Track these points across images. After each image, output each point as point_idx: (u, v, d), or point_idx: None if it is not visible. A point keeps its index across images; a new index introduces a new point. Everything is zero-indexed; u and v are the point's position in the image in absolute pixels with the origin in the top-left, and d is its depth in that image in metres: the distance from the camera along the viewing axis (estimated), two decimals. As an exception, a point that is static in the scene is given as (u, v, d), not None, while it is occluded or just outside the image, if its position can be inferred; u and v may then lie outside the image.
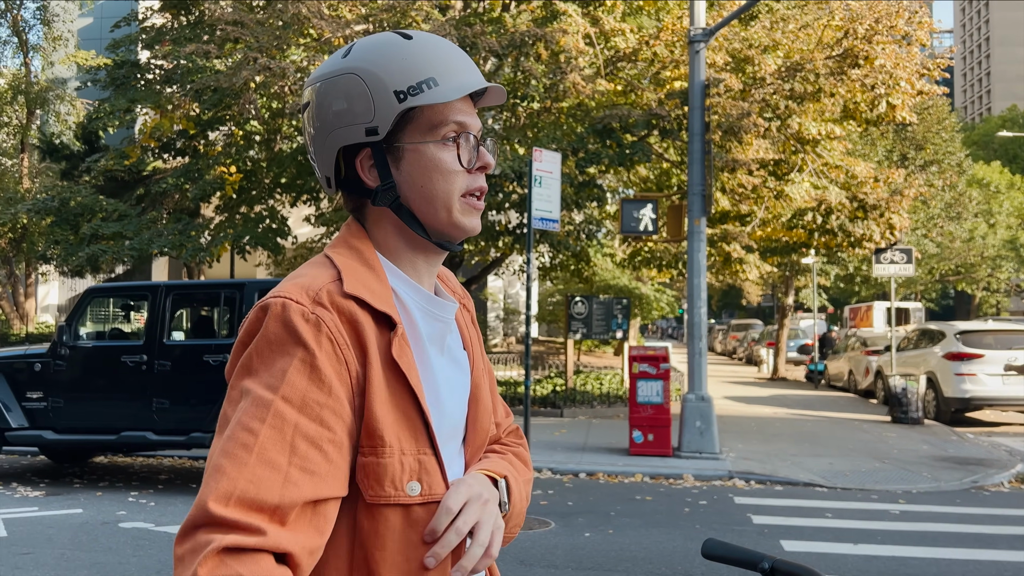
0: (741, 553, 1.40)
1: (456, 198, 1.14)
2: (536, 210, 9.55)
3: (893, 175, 13.91)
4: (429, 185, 1.13)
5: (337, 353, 1.03)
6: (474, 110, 1.17)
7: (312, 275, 1.09)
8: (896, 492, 8.23)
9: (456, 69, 1.13)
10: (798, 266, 22.72)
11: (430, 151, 1.13)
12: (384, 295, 1.10)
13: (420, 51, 1.13)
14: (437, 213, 1.14)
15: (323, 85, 1.14)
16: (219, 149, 14.73)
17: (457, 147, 1.14)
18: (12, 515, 6.63)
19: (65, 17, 25.56)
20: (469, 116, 1.16)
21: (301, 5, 11.78)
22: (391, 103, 1.10)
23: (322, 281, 1.07)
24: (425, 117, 1.13)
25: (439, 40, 1.16)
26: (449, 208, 1.14)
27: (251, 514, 0.92)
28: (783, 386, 22.02)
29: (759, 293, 41.89)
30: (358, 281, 1.09)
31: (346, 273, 1.09)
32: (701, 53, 10.30)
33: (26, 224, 19.89)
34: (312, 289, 1.06)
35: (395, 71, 1.11)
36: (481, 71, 8.89)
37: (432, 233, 1.16)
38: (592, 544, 5.96)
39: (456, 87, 1.12)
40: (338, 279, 1.08)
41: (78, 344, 8.01)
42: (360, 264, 1.12)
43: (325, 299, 1.05)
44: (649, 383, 9.66)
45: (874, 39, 11.70)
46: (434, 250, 1.18)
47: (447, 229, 1.15)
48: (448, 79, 1.12)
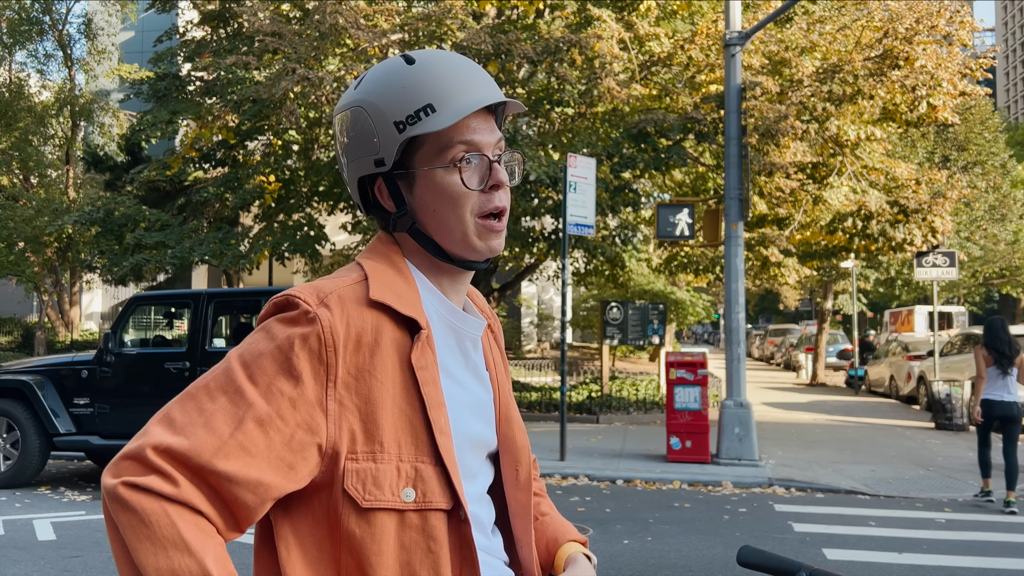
0: (778, 561, 1.39)
1: (470, 221, 1.13)
2: (571, 216, 9.55)
3: (935, 177, 13.67)
4: (441, 210, 1.13)
5: (322, 354, 1.04)
6: (490, 125, 1.15)
7: (333, 279, 1.12)
8: (941, 500, 8.08)
9: (458, 90, 1.11)
10: (837, 270, 22.40)
11: (439, 175, 1.12)
12: (412, 299, 1.11)
13: (418, 77, 1.12)
14: (452, 236, 1.14)
15: (339, 117, 1.18)
16: (258, 159, 14.96)
17: (462, 170, 1.12)
18: (61, 519, 6.78)
19: (108, 31, 26.15)
20: (481, 134, 1.13)
21: (338, 16, 11.92)
22: (392, 134, 1.12)
23: (339, 284, 1.09)
24: (431, 142, 1.13)
25: (442, 60, 1.14)
26: (464, 232, 1.13)
27: (175, 465, 0.98)
28: (822, 392, 21.70)
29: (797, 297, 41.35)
30: (385, 285, 1.10)
31: (374, 278, 1.11)
32: (737, 56, 10.22)
33: (72, 234, 20.37)
34: (324, 291, 1.08)
35: (394, 101, 1.12)
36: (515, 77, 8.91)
37: (451, 256, 1.16)
38: (630, 551, 5.93)
39: (454, 111, 1.10)
40: (362, 282, 1.10)
41: (123, 351, 8.18)
42: (390, 267, 1.14)
43: (333, 301, 1.07)
44: (686, 389, 9.59)
45: (914, 39, 11.52)
46: (458, 271, 1.18)
47: (464, 252, 1.15)
48: (447, 103, 1.11)
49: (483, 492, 1.20)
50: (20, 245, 20.77)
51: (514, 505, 1.23)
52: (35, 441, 8.10)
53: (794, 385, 24.15)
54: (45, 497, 7.73)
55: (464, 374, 1.17)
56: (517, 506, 1.23)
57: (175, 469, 0.98)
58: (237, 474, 0.99)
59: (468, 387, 1.17)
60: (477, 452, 1.18)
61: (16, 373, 8.42)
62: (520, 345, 27.79)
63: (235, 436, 0.99)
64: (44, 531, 6.34)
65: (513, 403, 1.26)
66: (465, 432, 1.14)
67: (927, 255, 15.26)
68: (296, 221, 14.44)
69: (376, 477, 1.04)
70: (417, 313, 1.10)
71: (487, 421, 1.20)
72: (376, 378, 1.06)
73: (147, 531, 0.95)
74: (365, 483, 1.04)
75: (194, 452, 0.98)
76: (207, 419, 1.00)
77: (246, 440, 0.99)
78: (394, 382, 1.07)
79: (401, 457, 1.06)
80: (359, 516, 1.04)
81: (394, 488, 1.05)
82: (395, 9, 12.89)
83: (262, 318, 1.11)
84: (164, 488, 0.97)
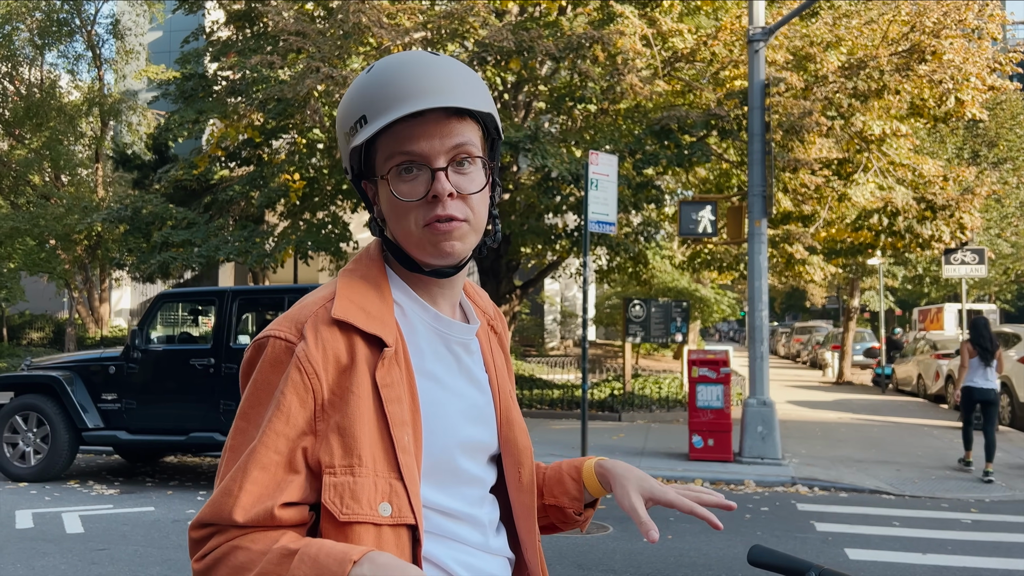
0: (788, 561, 1.38)
1: (415, 230, 1.12)
2: (592, 213, 9.54)
3: (963, 173, 13.47)
4: (392, 217, 1.15)
5: (305, 383, 1.07)
6: (444, 130, 1.11)
7: (307, 302, 1.14)
8: (968, 500, 7.97)
9: (388, 100, 1.09)
10: (864, 268, 22.15)
11: (387, 184, 1.13)
12: (380, 314, 1.12)
13: (363, 88, 1.12)
14: (407, 243, 1.14)
15: None
16: (282, 157, 15.09)
17: (396, 180, 1.11)
18: (89, 512, 6.90)
19: (136, 31, 26.48)
20: (422, 142, 1.10)
21: (361, 14, 11.98)
22: (345, 145, 1.16)
23: (314, 308, 1.12)
24: (380, 151, 1.13)
25: (387, 68, 1.11)
26: (413, 239, 1.13)
27: (210, 531, 1.07)
28: (849, 390, 21.48)
29: (823, 295, 40.94)
30: (352, 302, 1.12)
31: (341, 295, 1.12)
32: (760, 52, 10.15)
33: (100, 232, 20.67)
34: (300, 319, 1.11)
35: (344, 112, 1.15)
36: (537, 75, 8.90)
37: (416, 262, 1.16)
38: (651, 550, 5.92)
39: (378, 123, 1.09)
40: (330, 301, 1.12)
41: (149, 348, 8.30)
42: (363, 282, 1.15)
43: (308, 327, 1.10)
44: (709, 387, 9.55)
45: (942, 33, 11.35)
46: (429, 278, 1.17)
47: (421, 258, 1.14)
48: (377, 114, 1.10)
49: (484, 494, 1.21)
50: (51, 243, 21.11)
51: (518, 507, 1.24)
52: (64, 436, 8.25)
53: (820, 383, 23.93)
54: (74, 491, 7.88)
55: (456, 380, 1.18)
56: (521, 508, 1.24)
57: (212, 535, 1.07)
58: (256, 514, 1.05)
59: (461, 392, 1.18)
60: (475, 456, 1.18)
61: (46, 369, 8.58)
62: (543, 342, 27.78)
63: (244, 488, 1.05)
64: (72, 524, 6.46)
65: (514, 405, 1.26)
66: (458, 438, 1.15)
67: (955, 252, 15.05)
68: (320, 219, 14.55)
69: (354, 491, 1.06)
70: (383, 330, 1.10)
71: (486, 424, 1.20)
72: (354, 393, 1.08)
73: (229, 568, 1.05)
74: (343, 497, 1.06)
75: (215, 517, 1.06)
76: (223, 483, 1.07)
77: (254, 488, 1.05)
78: (369, 398, 1.08)
79: (377, 472, 1.07)
80: (337, 530, 1.06)
81: (372, 502, 1.06)
82: (418, 8, 12.93)
83: (249, 361, 1.13)
84: (220, 547, 1.06)
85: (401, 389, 1.10)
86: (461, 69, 1.13)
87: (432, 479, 1.12)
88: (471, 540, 1.16)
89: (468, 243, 1.14)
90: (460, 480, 1.15)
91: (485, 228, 1.19)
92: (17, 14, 22.53)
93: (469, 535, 1.16)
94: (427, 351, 1.16)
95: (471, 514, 1.16)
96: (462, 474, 1.16)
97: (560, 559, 5.63)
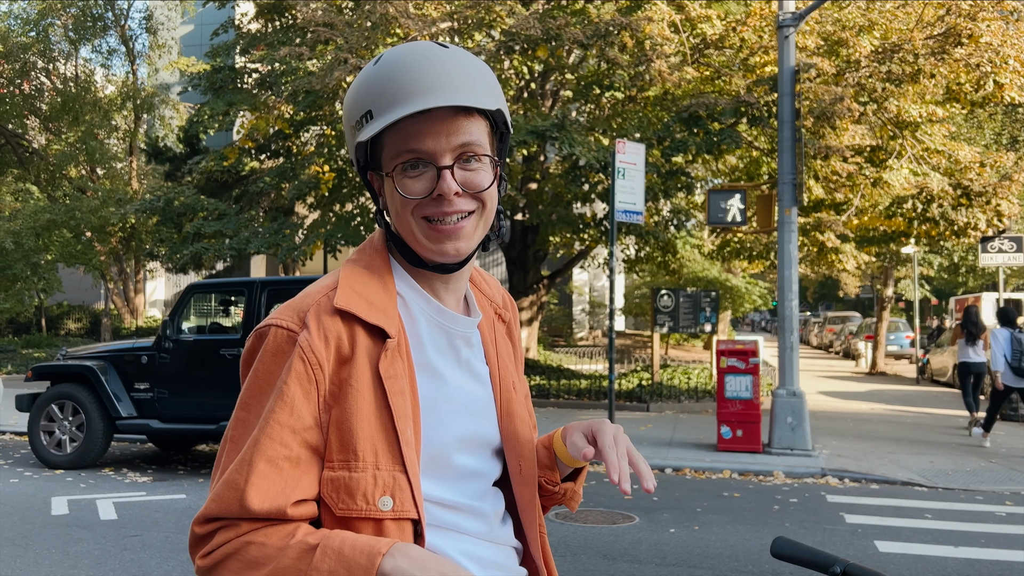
0: (812, 554, 1.35)
1: (415, 227, 1.11)
2: (619, 203, 9.48)
3: (1001, 159, 13.17)
4: (396, 213, 1.13)
5: (309, 373, 1.06)
6: (450, 128, 1.09)
7: (310, 291, 1.13)
8: (1003, 493, 7.82)
9: (394, 96, 1.07)
10: (898, 256, 21.78)
11: (392, 179, 1.12)
12: (383, 305, 1.11)
13: (369, 82, 1.10)
14: (410, 238, 1.13)
15: None
16: (312, 149, 15.19)
17: (402, 176, 1.10)
18: (123, 499, 7.03)
19: (168, 25, 26.80)
20: (429, 140, 1.08)
21: (388, 5, 12.00)
22: (351, 138, 1.15)
23: (316, 297, 1.11)
24: (387, 146, 1.12)
25: (394, 62, 1.09)
26: (415, 235, 1.12)
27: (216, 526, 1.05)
28: (882, 381, 21.18)
29: (857, 284, 40.34)
30: (355, 292, 1.10)
31: (343, 284, 1.11)
32: (791, 38, 9.98)
33: (134, 224, 21.00)
34: (302, 308, 1.10)
35: (351, 105, 1.13)
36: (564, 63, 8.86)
37: (419, 258, 1.15)
38: (677, 540, 5.89)
39: (382, 120, 1.08)
40: (333, 290, 1.11)
41: (180, 338, 8.42)
42: (367, 272, 1.14)
43: (311, 317, 1.08)
44: (738, 378, 9.46)
45: (979, 16, 11.09)
46: (433, 272, 1.16)
47: (423, 254, 1.14)
48: (382, 110, 1.08)
49: (487, 488, 1.20)
50: (87, 235, 21.49)
51: (520, 499, 1.23)
52: (99, 424, 8.40)
53: (852, 374, 23.62)
54: (108, 478, 8.03)
55: (456, 373, 1.17)
56: (522, 500, 1.23)
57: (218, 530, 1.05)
58: (267, 512, 1.03)
59: (461, 386, 1.17)
60: (476, 451, 1.17)
61: (81, 359, 8.74)
62: (571, 332, 27.74)
63: (251, 482, 1.03)
64: (106, 511, 6.58)
65: (516, 397, 1.24)
66: (455, 434, 1.14)
67: (992, 240, 14.73)
68: (349, 211, 14.64)
69: (348, 486, 1.05)
70: (385, 321, 1.09)
71: (487, 418, 1.19)
72: (352, 387, 1.07)
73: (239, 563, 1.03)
74: (339, 491, 1.05)
75: (223, 511, 1.04)
76: (226, 475, 1.05)
77: (261, 482, 1.03)
78: (369, 390, 1.07)
79: (379, 465, 1.06)
80: (336, 524, 1.06)
81: (369, 497, 1.05)
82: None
83: (250, 350, 1.12)
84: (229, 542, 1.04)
85: (404, 382, 1.09)
86: (470, 63, 1.11)
87: (430, 473, 1.11)
88: (474, 530, 1.16)
89: (473, 241, 1.13)
90: (457, 475, 1.15)
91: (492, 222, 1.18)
92: (53, 10, 22.90)
93: (472, 526, 1.16)
94: (428, 344, 1.15)
95: (473, 506, 1.16)
96: (459, 469, 1.15)
97: (585, 549, 5.62)
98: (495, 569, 1.17)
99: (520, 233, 15.96)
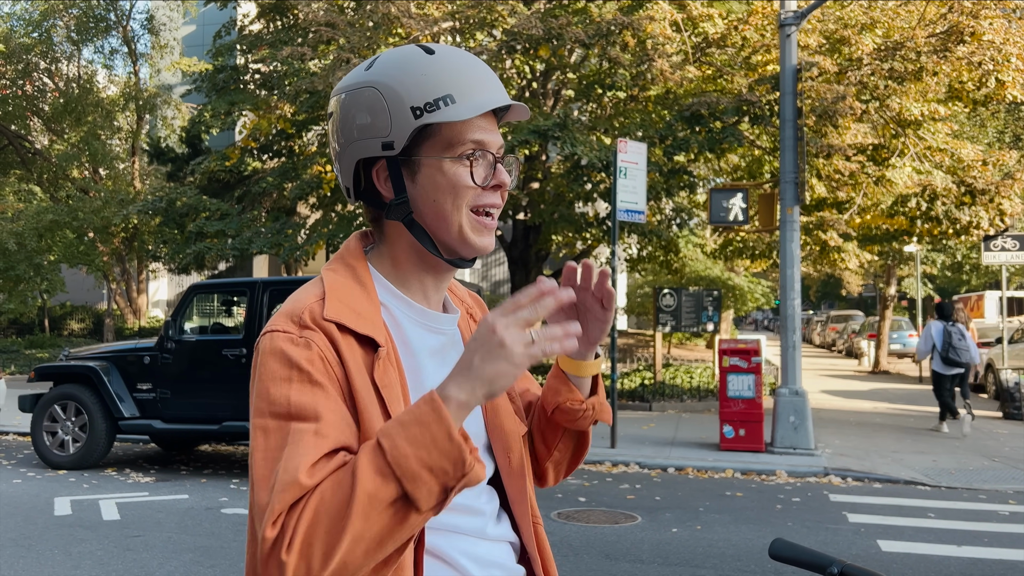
0: (810, 556, 1.36)
1: (466, 214, 1.15)
2: (621, 202, 9.47)
3: (1004, 157, 13.14)
4: (441, 200, 1.14)
5: (328, 371, 1.06)
6: (495, 127, 1.17)
7: (299, 298, 1.13)
8: (1006, 492, 7.81)
9: (476, 86, 1.13)
10: (900, 255, 21.74)
11: (445, 167, 1.13)
12: (370, 315, 1.12)
13: (440, 67, 1.13)
14: (449, 228, 1.15)
15: (346, 97, 1.16)
16: (314, 149, 15.19)
17: (472, 164, 1.14)
18: (125, 499, 7.04)
19: (170, 26, 26.83)
20: (488, 134, 1.15)
21: (391, 5, 12.00)
22: (408, 119, 1.12)
23: (306, 303, 1.11)
24: (443, 134, 1.14)
25: (462, 55, 1.16)
26: (460, 224, 1.15)
27: (292, 511, 0.97)
28: (885, 379, 21.15)
29: (859, 283, 40.29)
30: (341, 302, 1.11)
31: (330, 294, 1.12)
32: (792, 36, 9.97)
33: (137, 224, 21.02)
34: (296, 314, 1.09)
35: (413, 86, 1.12)
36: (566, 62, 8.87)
37: (444, 249, 1.17)
38: (679, 540, 5.89)
39: (474, 105, 1.12)
40: (322, 300, 1.11)
41: (182, 338, 8.42)
42: (350, 281, 1.15)
43: (308, 320, 1.08)
44: (740, 377, 9.45)
45: (981, 14, 11.07)
46: (445, 267, 1.19)
47: (457, 246, 1.16)
48: (466, 97, 1.12)
49: (483, 485, 1.20)
50: (90, 235, 21.52)
51: (511, 492, 1.24)
52: (102, 424, 8.42)
53: (855, 373, 23.59)
54: (111, 478, 8.04)
55: (443, 373, 1.16)
56: (514, 492, 1.24)
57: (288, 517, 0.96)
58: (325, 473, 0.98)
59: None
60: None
61: (83, 359, 8.75)
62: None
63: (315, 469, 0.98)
64: (109, 511, 6.59)
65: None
66: None
67: (995, 238, 14.71)
68: (351, 212, 14.63)
69: None
70: (374, 330, 1.10)
71: (474, 414, 1.20)
72: (359, 393, 1.07)
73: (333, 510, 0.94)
74: None
75: (288, 497, 0.96)
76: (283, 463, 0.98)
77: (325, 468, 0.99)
78: (369, 398, 1.07)
79: None
80: None
81: None
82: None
83: (254, 364, 1.09)
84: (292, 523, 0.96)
85: (398, 389, 1.10)
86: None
87: None
88: (470, 529, 1.17)
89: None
90: None
91: None
92: (55, 11, 22.93)
93: (468, 524, 1.16)
94: (414, 348, 1.16)
95: (468, 505, 1.16)
96: None
97: (588, 548, 5.62)
98: (495, 568, 1.18)
99: (522, 233, 15.95)
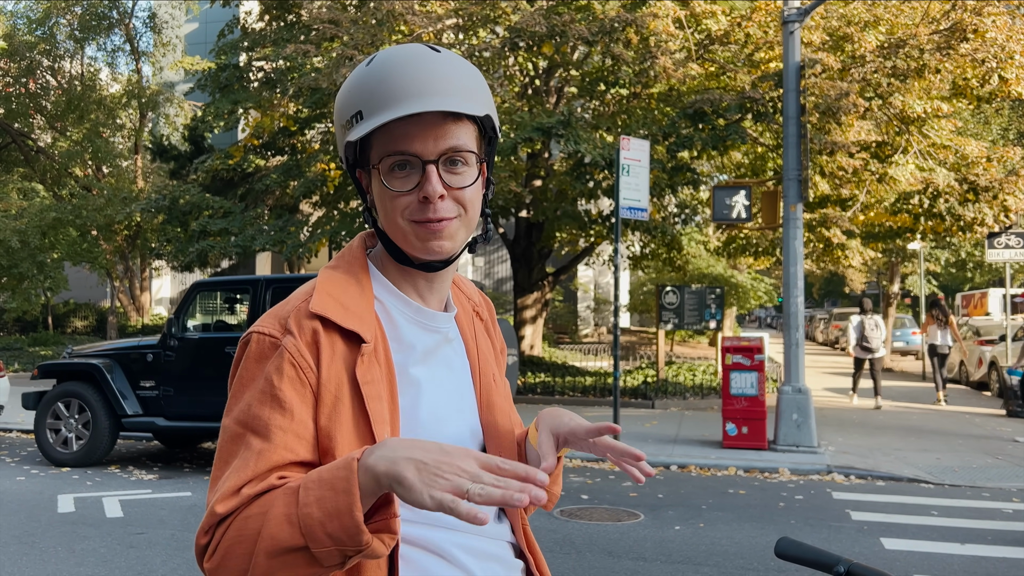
0: (816, 554, 1.36)
1: (405, 224, 1.12)
2: (624, 199, 9.46)
3: (1008, 154, 13.11)
4: (383, 210, 1.14)
5: (300, 377, 1.06)
6: (439, 132, 1.10)
7: (291, 297, 1.15)
8: (1010, 490, 7.80)
9: (385, 98, 1.08)
10: (904, 252, 21.70)
11: (379, 177, 1.13)
12: (359, 309, 1.12)
13: (361, 82, 1.12)
14: (401, 236, 1.14)
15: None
16: (317, 147, 15.19)
17: (392, 177, 1.11)
18: (128, 497, 7.05)
19: (173, 24, 26.82)
20: (419, 143, 1.09)
21: (394, 2, 11.99)
22: (341, 136, 1.15)
23: (295, 303, 1.12)
24: (375, 146, 1.13)
25: (386, 64, 1.11)
26: (404, 233, 1.13)
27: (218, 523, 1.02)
28: (888, 377, 21.11)
29: (863, 280, 40.24)
30: (330, 296, 1.12)
31: (319, 290, 1.12)
32: (796, 33, 9.95)
33: (140, 222, 21.04)
34: (283, 315, 1.11)
35: (341, 104, 1.14)
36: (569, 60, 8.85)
37: (405, 255, 1.16)
38: (682, 537, 5.88)
39: (373, 121, 1.09)
40: (311, 297, 1.12)
41: (185, 336, 8.43)
42: (344, 277, 1.15)
43: (292, 322, 1.09)
44: (743, 374, 9.44)
45: (984, 11, 11.03)
46: (418, 271, 1.18)
47: (411, 252, 1.15)
48: (373, 112, 1.10)
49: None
50: (93, 233, 21.54)
51: None
52: (105, 422, 8.43)
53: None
54: (114, 476, 8.05)
55: (440, 370, 1.18)
56: None
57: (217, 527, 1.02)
58: (263, 488, 1.02)
59: (442, 383, 1.18)
60: (464, 446, 1.17)
61: (86, 357, 8.77)
62: (576, 329, 27.72)
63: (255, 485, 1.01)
64: (112, 508, 6.60)
65: (497, 389, 1.26)
66: (442, 434, 1.14)
67: (999, 235, 14.68)
68: (354, 209, 14.64)
69: None
70: (360, 326, 1.10)
71: (470, 412, 1.21)
72: (331, 392, 1.07)
73: (242, 534, 0.99)
74: None
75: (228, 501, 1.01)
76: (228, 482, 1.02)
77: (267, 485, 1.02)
78: (347, 395, 1.07)
79: None
80: None
81: None
82: (449, -6, 12.89)
83: (235, 361, 1.12)
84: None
85: (381, 386, 1.10)
86: (461, 67, 1.13)
87: None
88: (468, 525, 1.16)
89: (458, 240, 1.15)
90: None
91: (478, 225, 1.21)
92: (58, 9, 22.94)
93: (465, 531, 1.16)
94: (408, 345, 1.16)
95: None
96: None
97: (590, 546, 5.62)
98: (492, 561, 1.18)
99: (525, 230, 15.95)
